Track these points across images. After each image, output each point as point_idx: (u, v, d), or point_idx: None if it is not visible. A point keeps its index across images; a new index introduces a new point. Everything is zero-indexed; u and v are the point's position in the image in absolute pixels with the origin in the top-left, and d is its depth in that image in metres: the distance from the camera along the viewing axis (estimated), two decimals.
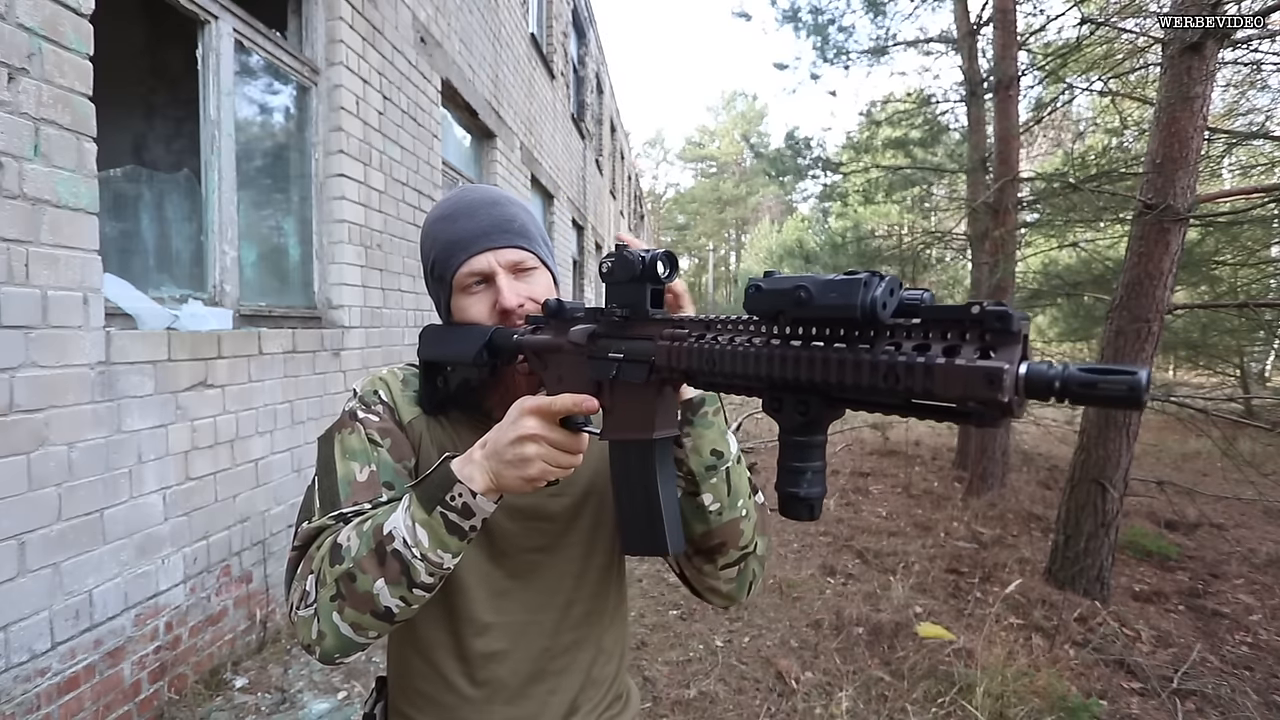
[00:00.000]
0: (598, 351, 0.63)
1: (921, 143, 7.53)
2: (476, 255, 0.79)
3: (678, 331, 0.56)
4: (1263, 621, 3.47)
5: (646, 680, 2.72)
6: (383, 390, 0.85)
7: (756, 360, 0.48)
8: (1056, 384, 0.35)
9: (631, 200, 22.80)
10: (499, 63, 6.11)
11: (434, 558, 0.65)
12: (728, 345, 0.50)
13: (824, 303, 0.42)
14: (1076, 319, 7.78)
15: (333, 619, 0.67)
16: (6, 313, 1.74)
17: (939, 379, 0.38)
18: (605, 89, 14.44)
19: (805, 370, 0.45)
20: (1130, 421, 3.58)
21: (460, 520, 0.65)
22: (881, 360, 0.41)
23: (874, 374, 0.41)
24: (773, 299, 0.45)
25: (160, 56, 4.75)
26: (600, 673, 0.88)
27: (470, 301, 0.81)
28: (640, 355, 0.59)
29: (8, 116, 1.74)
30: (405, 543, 0.64)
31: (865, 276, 0.40)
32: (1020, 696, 2.47)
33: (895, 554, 4.27)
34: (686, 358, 0.54)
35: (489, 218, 0.81)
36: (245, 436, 2.72)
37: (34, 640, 1.85)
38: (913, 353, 0.40)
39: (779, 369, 0.46)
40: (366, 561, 0.65)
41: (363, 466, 0.78)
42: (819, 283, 0.42)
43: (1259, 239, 6.41)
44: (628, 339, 0.61)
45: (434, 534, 0.64)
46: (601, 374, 0.63)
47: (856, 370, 0.42)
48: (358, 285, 3.53)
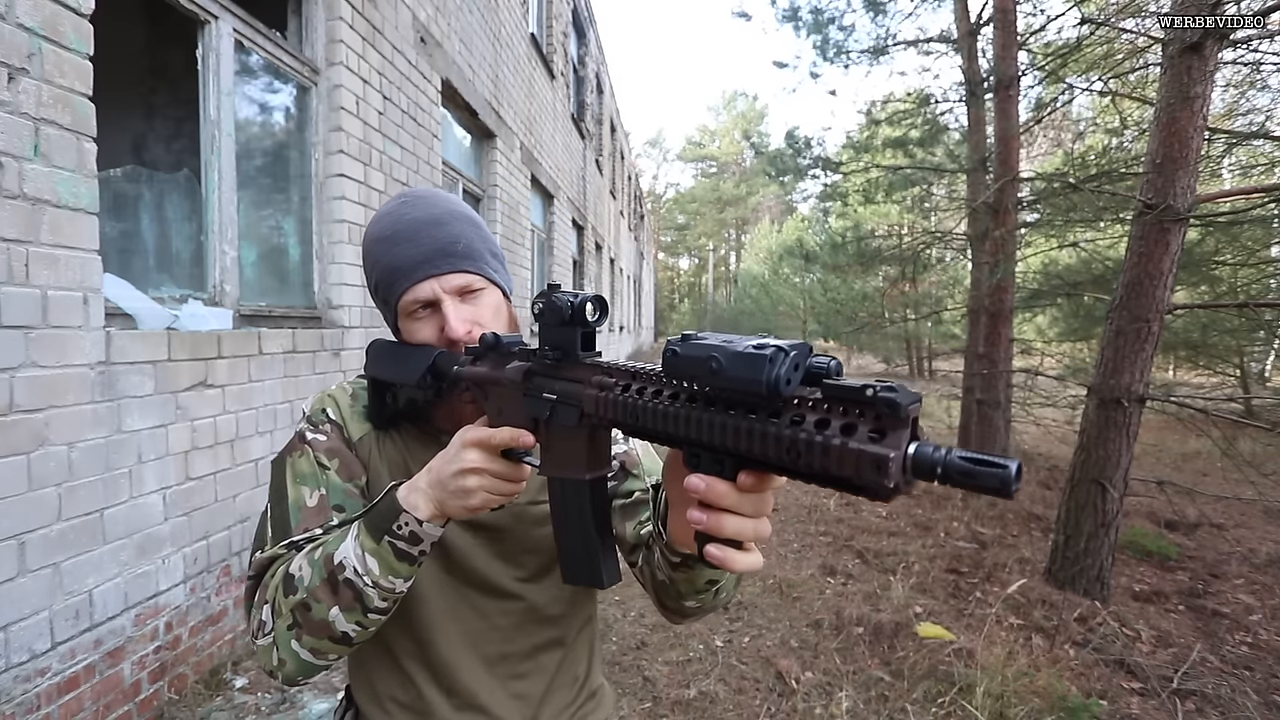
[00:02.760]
0: (533, 390, 0.64)
1: (921, 143, 7.53)
2: (420, 283, 0.77)
3: (605, 380, 0.57)
4: (1263, 621, 3.47)
5: (646, 680, 2.72)
6: (331, 408, 0.84)
7: (675, 420, 0.49)
8: (939, 469, 0.37)
9: (631, 200, 22.81)
10: (499, 63, 6.11)
11: (385, 584, 0.66)
12: (650, 402, 0.51)
13: (732, 374, 0.43)
14: (1076, 319, 7.78)
15: (291, 646, 0.68)
16: (6, 313, 1.74)
17: (834, 458, 0.40)
18: (605, 89, 14.44)
19: (718, 435, 0.46)
20: (1130, 422, 3.58)
21: (408, 547, 0.65)
22: (785, 434, 0.42)
23: (778, 446, 0.43)
24: (688, 365, 0.46)
25: (160, 56, 4.75)
26: (568, 674, 0.88)
27: (417, 326, 0.80)
28: (571, 399, 0.60)
29: (8, 116, 1.74)
30: (356, 571, 0.65)
31: (771, 352, 0.41)
32: (1020, 696, 2.48)
33: (895, 554, 4.27)
34: (612, 409, 0.55)
35: (431, 241, 0.78)
36: (245, 436, 2.72)
37: (34, 640, 1.85)
38: (813, 429, 0.41)
39: (694, 431, 0.48)
40: (320, 590, 0.66)
41: (313, 491, 0.78)
42: (729, 354, 0.43)
43: (1259, 239, 6.41)
44: (560, 380, 0.62)
45: (384, 561, 0.65)
46: (537, 412, 0.64)
47: (763, 441, 0.43)
48: (358, 285, 3.53)
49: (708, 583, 0.69)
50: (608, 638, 3.05)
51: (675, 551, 0.65)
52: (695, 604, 0.72)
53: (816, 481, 0.43)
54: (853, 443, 0.39)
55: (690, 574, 0.67)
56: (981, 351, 5.83)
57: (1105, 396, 3.64)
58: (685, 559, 0.65)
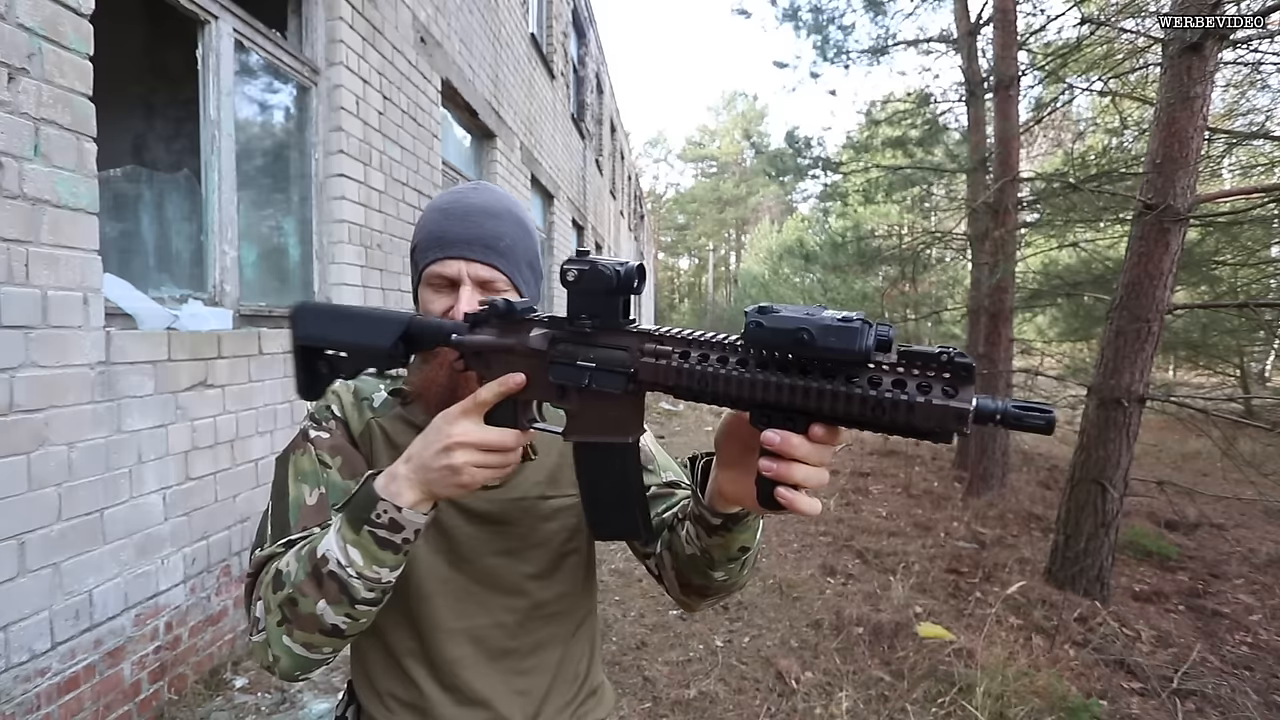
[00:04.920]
0: (562, 358, 0.63)
1: (921, 143, 7.53)
2: (450, 259, 0.79)
3: (659, 348, 0.58)
4: (1263, 621, 3.47)
5: (646, 680, 2.72)
6: (334, 404, 0.84)
7: (753, 386, 0.52)
8: (997, 415, 0.45)
9: (631, 200, 22.80)
10: (499, 63, 6.11)
11: (370, 574, 0.65)
12: (722, 369, 0.54)
13: (824, 345, 0.47)
14: (1076, 319, 7.78)
15: (284, 642, 0.68)
16: (6, 313, 1.74)
17: (919, 414, 0.46)
18: (605, 89, 14.44)
19: (801, 398, 0.50)
20: (1130, 422, 3.58)
21: (389, 535, 0.65)
22: (871, 395, 0.47)
23: (863, 406, 0.48)
24: (775, 336, 0.48)
25: (160, 56, 4.74)
26: (569, 671, 0.88)
27: (432, 298, 0.81)
28: (616, 365, 0.60)
29: (8, 116, 1.74)
30: (339, 563, 0.65)
31: (859, 325, 0.46)
32: (1020, 696, 2.48)
33: (895, 554, 4.27)
34: (676, 376, 0.56)
35: (478, 228, 0.80)
36: (245, 436, 2.72)
37: (34, 640, 1.85)
38: (894, 389, 0.47)
39: (775, 395, 0.51)
40: (305, 585, 0.66)
41: (313, 489, 0.78)
42: (820, 326, 0.47)
43: (1259, 239, 6.41)
44: (600, 347, 0.61)
45: (366, 552, 0.65)
46: (570, 380, 0.62)
47: (848, 401, 0.48)
48: (358, 285, 3.53)
49: (740, 549, 0.71)
50: (608, 638, 3.05)
51: (717, 514, 0.67)
52: (723, 576, 0.74)
53: (891, 432, 0.48)
54: (936, 399, 0.46)
55: (726, 538, 0.69)
56: (981, 351, 5.82)
57: (1105, 396, 3.64)
58: (726, 521, 0.67)
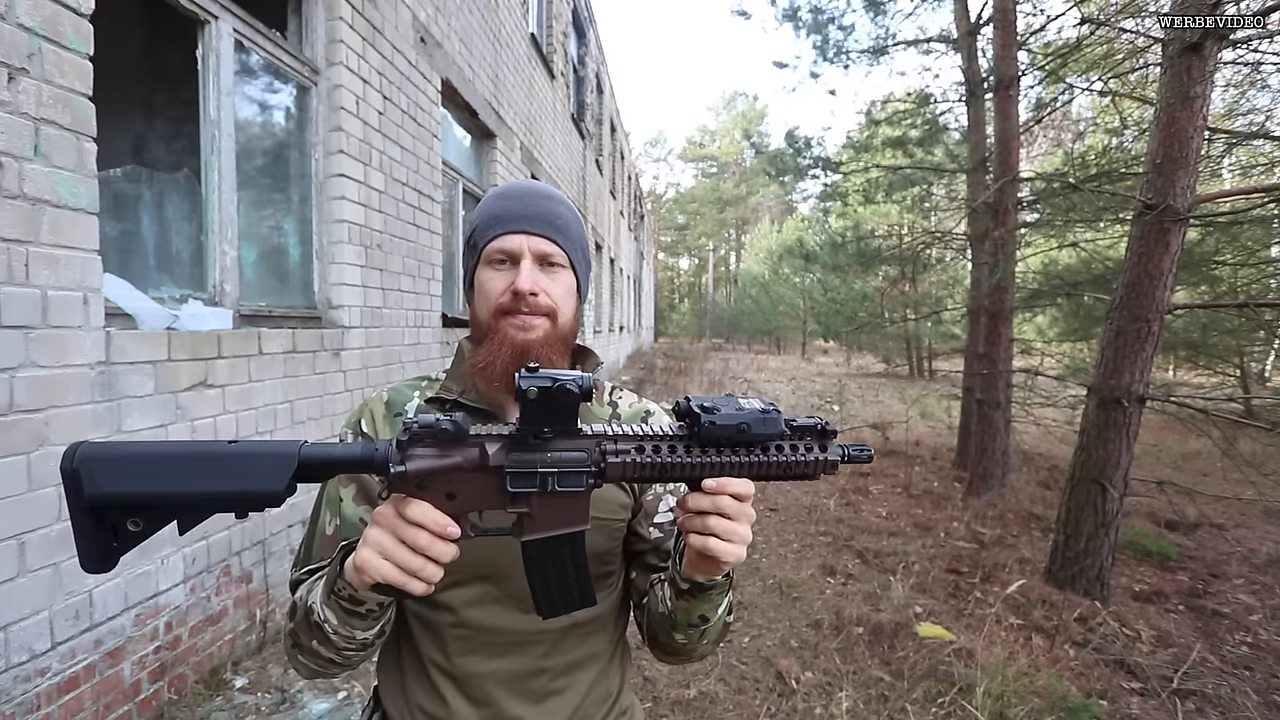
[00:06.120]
0: (522, 467, 0.64)
1: (921, 143, 7.52)
2: (511, 234, 0.82)
3: (616, 446, 0.66)
4: (1263, 621, 3.47)
5: (646, 680, 2.72)
6: (365, 420, 0.85)
7: (699, 466, 0.66)
8: (845, 456, 0.71)
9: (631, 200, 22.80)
10: (499, 63, 6.11)
11: (344, 633, 0.70)
12: (672, 458, 0.66)
13: (759, 431, 0.66)
14: (1076, 319, 7.78)
15: (299, 659, 0.77)
16: (6, 313, 1.74)
17: (810, 464, 0.69)
18: (605, 89, 14.44)
19: (737, 469, 0.67)
20: (1130, 422, 3.58)
21: (351, 606, 0.68)
22: (790, 459, 0.68)
23: (782, 465, 0.68)
24: (722, 430, 0.65)
25: (160, 56, 4.74)
26: (601, 690, 0.87)
27: (491, 275, 0.83)
28: (579, 466, 0.65)
29: (8, 116, 1.74)
30: (320, 617, 0.70)
31: (775, 414, 0.66)
32: (1020, 696, 2.48)
33: (895, 554, 4.27)
34: (638, 469, 0.66)
35: (537, 207, 0.84)
36: (245, 436, 2.72)
37: (34, 640, 1.85)
38: (804, 452, 0.69)
39: (717, 470, 0.66)
40: (301, 625, 0.73)
41: (332, 519, 0.83)
42: (754, 418, 0.66)
43: (1259, 239, 6.41)
44: (560, 451, 0.65)
45: (338, 615, 0.69)
46: (531, 486, 0.65)
47: (777, 466, 0.68)
48: (358, 285, 3.53)
49: (700, 617, 0.78)
50: None
51: (684, 579, 0.75)
52: (683, 639, 0.82)
53: (790, 479, 0.70)
54: (820, 455, 0.69)
55: (690, 604, 0.76)
56: (981, 351, 5.83)
57: (1105, 396, 3.64)
58: (692, 587, 0.75)
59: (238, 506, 0.58)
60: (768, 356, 28.35)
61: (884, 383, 16.73)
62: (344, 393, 3.44)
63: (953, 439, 7.49)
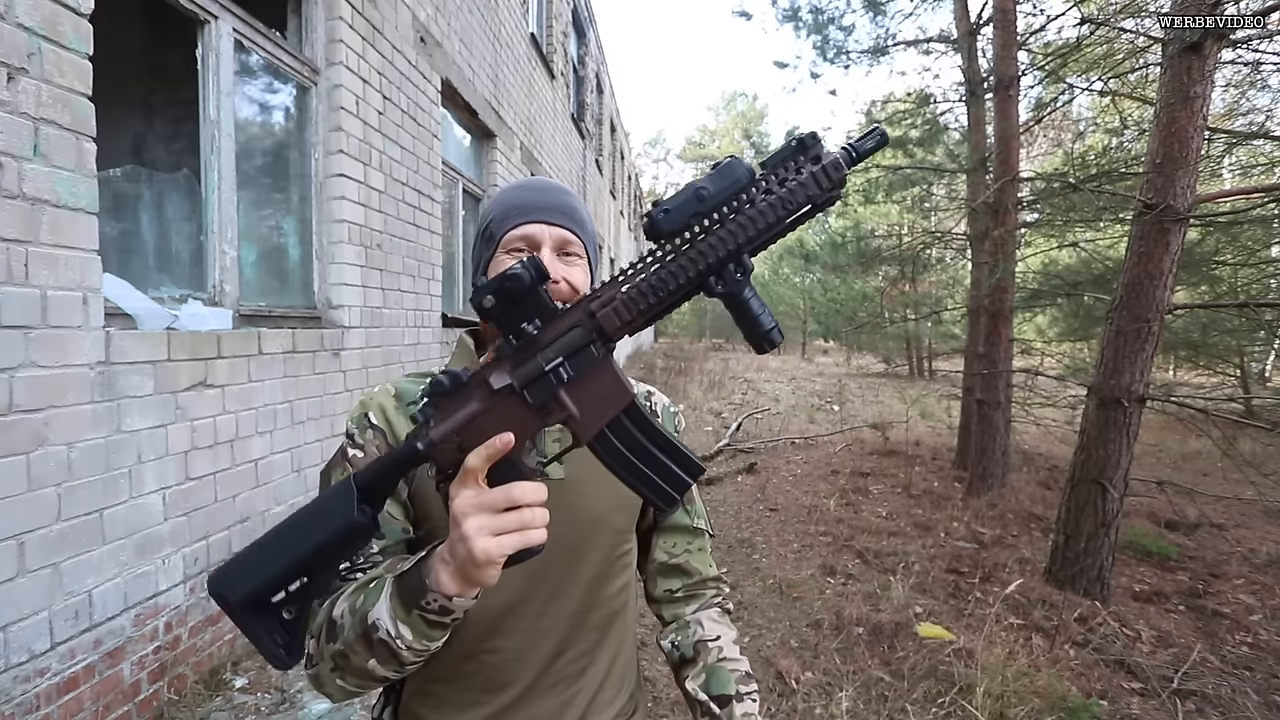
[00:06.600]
0: (531, 376, 0.61)
1: (921, 143, 7.52)
2: (531, 223, 0.82)
3: (604, 297, 0.61)
4: (1263, 621, 3.47)
5: (646, 680, 2.72)
6: (374, 413, 0.82)
7: (694, 262, 0.57)
8: (853, 151, 0.57)
9: (631, 200, 22.80)
10: (499, 63, 6.11)
11: (419, 647, 0.65)
12: (664, 268, 0.58)
13: (719, 187, 0.56)
14: (1076, 319, 7.77)
15: (337, 682, 0.70)
16: (6, 313, 1.74)
17: (810, 186, 0.55)
18: (605, 89, 14.44)
19: (735, 240, 0.56)
20: (1130, 422, 3.58)
21: (439, 618, 0.63)
22: (776, 197, 0.56)
23: (773, 210, 0.56)
24: (682, 211, 0.56)
25: (160, 56, 4.74)
26: (616, 674, 0.88)
27: (509, 262, 0.81)
28: (580, 341, 0.61)
29: (7, 116, 1.74)
30: (389, 633, 0.64)
31: (730, 160, 0.56)
32: (1020, 696, 2.47)
33: (895, 554, 4.27)
34: (634, 305, 0.59)
35: (555, 199, 0.85)
36: (245, 436, 2.72)
37: (33, 640, 1.85)
38: (792, 182, 0.56)
39: (711, 257, 0.57)
40: (357, 644, 0.66)
41: None
42: (705, 178, 0.56)
43: (1259, 239, 6.41)
44: (555, 339, 0.61)
45: (416, 630, 0.64)
46: (550, 388, 0.61)
47: (765, 215, 0.56)
48: (358, 285, 3.53)
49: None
50: None
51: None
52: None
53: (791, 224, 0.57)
54: (817, 170, 0.55)
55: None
56: (981, 351, 5.82)
57: (1105, 396, 3.64)
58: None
59: (338, 551, 0.62)
60: (768, 356, 28.32)
61: (884, 383, 16.73)
62: (344, 393, 3.44)
63: (953, 439, 7.49)
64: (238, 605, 0.61)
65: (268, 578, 0.61)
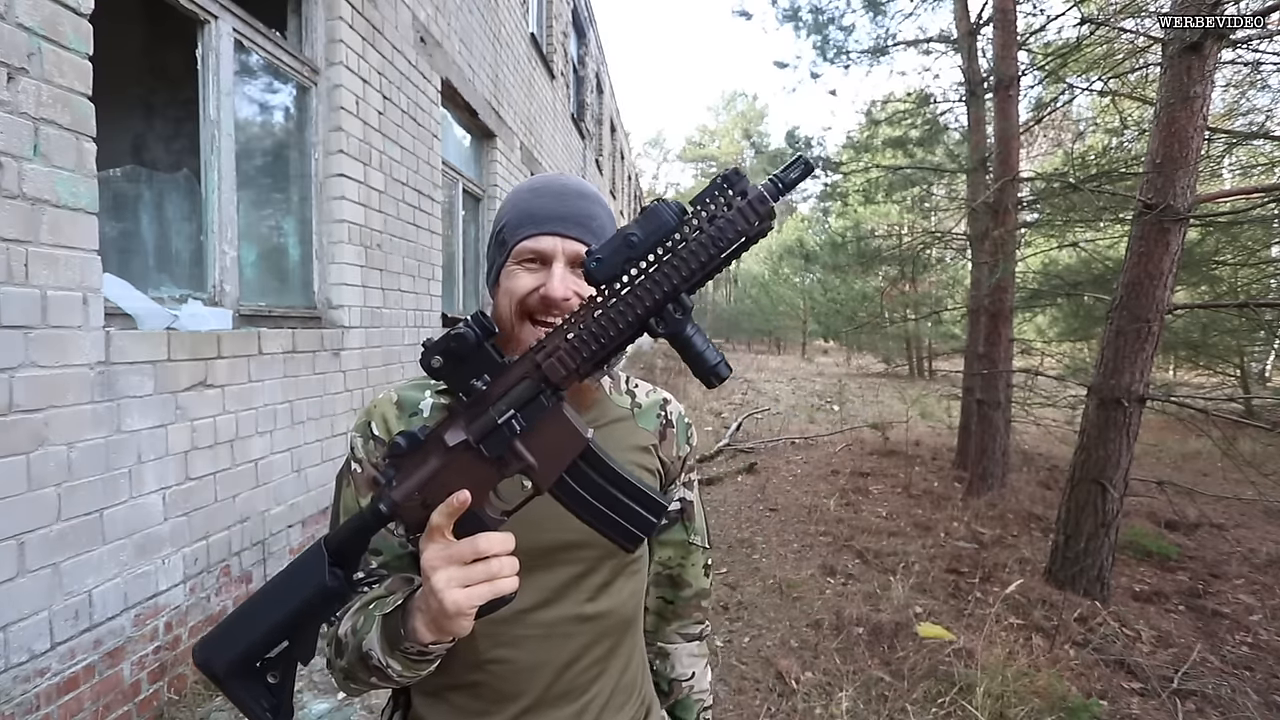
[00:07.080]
0: (485, 431, 0.63)
1: (921, 143, 7.52)
2: (544, 235, 0.78)
3: (549, 348, 0.62)
4: (1263, 621, 3.47)
5: None
6: (376, 423, 0.81)
7: (632, 306, 0.58)
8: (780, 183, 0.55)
9: (631, 200, 22.80)
10: (499, 63, 6.11)
11: (410, 675, 0.69)
12: (601, 318, 0.59)
13: (648, 232, 0.57)
14: (1076, 319, 7.77)
15: (350, 687, 0.76)
16: (6, 313, 1.74)
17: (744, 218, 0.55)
18: (605, 89, 14.44)
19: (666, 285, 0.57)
20: (1130, 422, 3.58)
21: (419, 659, 0.66)
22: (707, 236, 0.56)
23: (704, 250, 0.56)
24: (615, 256, 0.57)
25: (160, 56, 4.74)
26: (627, 681, 0.87)
27: (520, 275, 0.79)
28: (529, 394, 0.62)
29: (7, 116, 1.74)
30: (380, 662, 0.68)
31: (656, 204, 0.57)
32: (1020, 696, 2.47)
33: (895, 554, 4.27)
34: (577, 353, 0.60)
35: (573, 206, 0.81)
36: (245, 436, 2.72)
37: (33, 640, 1.85)
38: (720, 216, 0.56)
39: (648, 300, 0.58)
40: (357, 665, 0.71)
41: None
42: (633, 224, 0.57)
43: (1259, 239, 6.41)
44: (506, 393, 0.63)
45: (403, 663, 0.67)
46: (505, 441, 0.63)
47: (697, 255, 0.57)
48: (358, 285, 3.53)
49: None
50: None
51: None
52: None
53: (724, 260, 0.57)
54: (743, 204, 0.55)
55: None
56: (981, 351, 5.82)
57: (1105, 396, 3.64)
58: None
59: (314, 614, 0.65)
60: (768, 356, 28.34)
61: (884, 383, 16.73)
62: (344, 393, 3.44)
63: (953, 439, 7.49)
64: (224, 674, 0.64)
65: (250, 645, 0.64)
